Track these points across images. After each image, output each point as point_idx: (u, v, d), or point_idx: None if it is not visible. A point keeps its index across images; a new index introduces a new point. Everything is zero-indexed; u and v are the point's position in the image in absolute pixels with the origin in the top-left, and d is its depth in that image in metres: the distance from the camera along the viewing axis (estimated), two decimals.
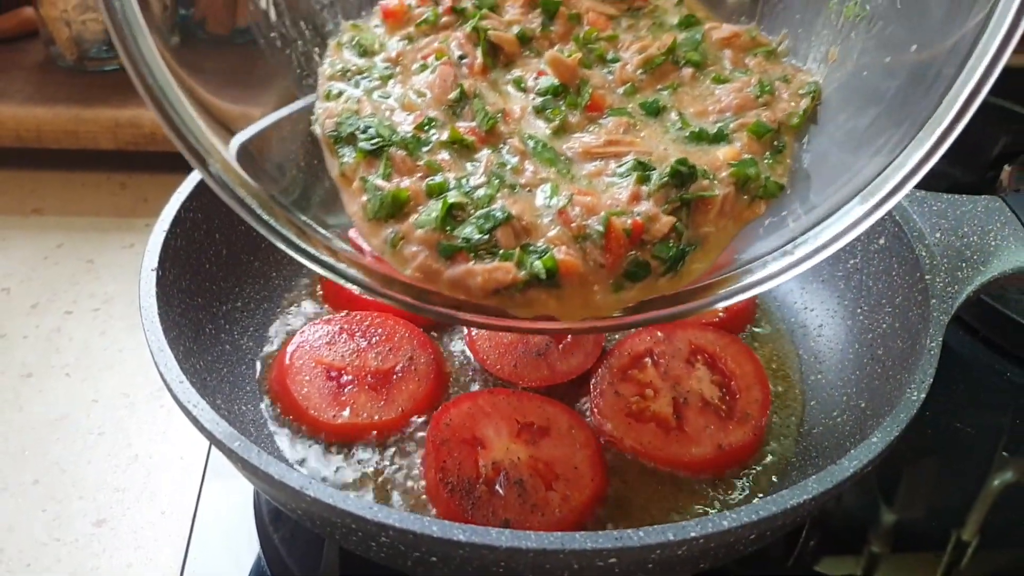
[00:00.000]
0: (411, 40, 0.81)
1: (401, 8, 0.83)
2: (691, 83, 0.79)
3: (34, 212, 1.24)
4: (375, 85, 0.78)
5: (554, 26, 0.83)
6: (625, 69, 0.79)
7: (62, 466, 0.93)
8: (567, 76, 0.77)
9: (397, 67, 0.79)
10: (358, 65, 0.80)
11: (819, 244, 0.68)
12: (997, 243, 0.85)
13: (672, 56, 0.80)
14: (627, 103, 0.78)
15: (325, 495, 0.61)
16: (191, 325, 0.83)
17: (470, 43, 0.80)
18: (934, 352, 0.75)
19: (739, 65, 0.81)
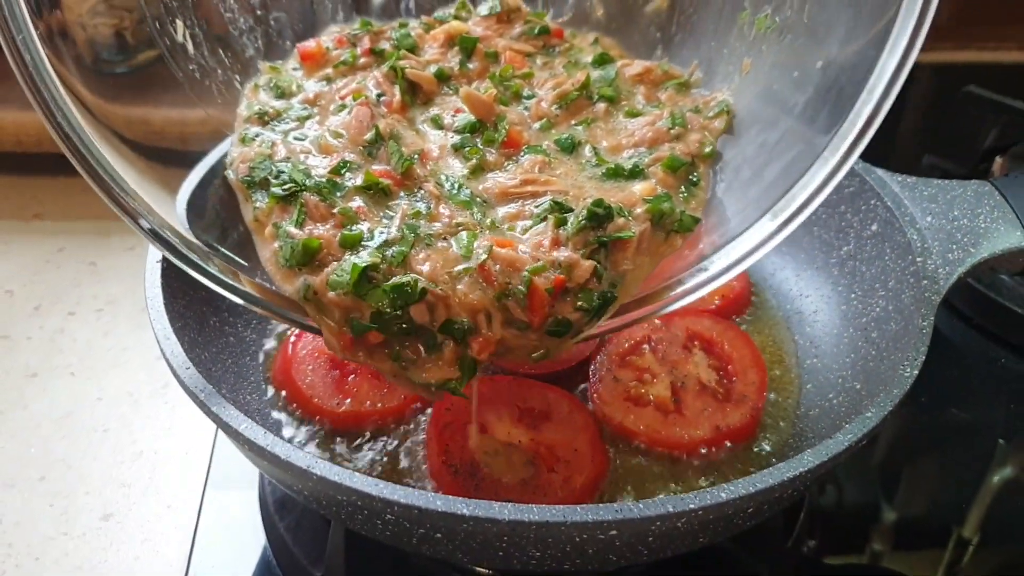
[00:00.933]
0: (329, 81, 0.81)
1: (319, 51, 0.82)
2: (605, 118, 0.80)
3: (35, 217, 1.25)
4: (291, 127, 0.77)
5: (472, 64, 0.83)
6: (540, 105, 0.79)
7: (68, 463, 0.94)
8: (483, 112, 0.77)
9: (315, 108, 0.79)
10: (275, 107, 0.78)
11: (731, 261, 0.69)
12: (986, 226, 0.86)
13: (586, 91, 0.80)
14: (543, 139, 0.77)
15: (332, 473, 0.62)
16: (196, 317, 0.84)
17: (388, 81, 0.79)
18: (926, 331, 0.77)
19: (652, 100, 0.81)
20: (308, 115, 0.77)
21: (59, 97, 0.64)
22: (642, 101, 0.81)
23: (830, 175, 0.65)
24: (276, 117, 0.77)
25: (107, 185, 0.66)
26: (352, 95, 0.77)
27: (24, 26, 0.62)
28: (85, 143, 0.65)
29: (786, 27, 0.74)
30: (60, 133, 0.64)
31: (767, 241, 0.67)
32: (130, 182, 0.67)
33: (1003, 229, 0.86)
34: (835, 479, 0.92)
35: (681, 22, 0.85)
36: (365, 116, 0.75)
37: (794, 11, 0.73)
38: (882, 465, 0.95)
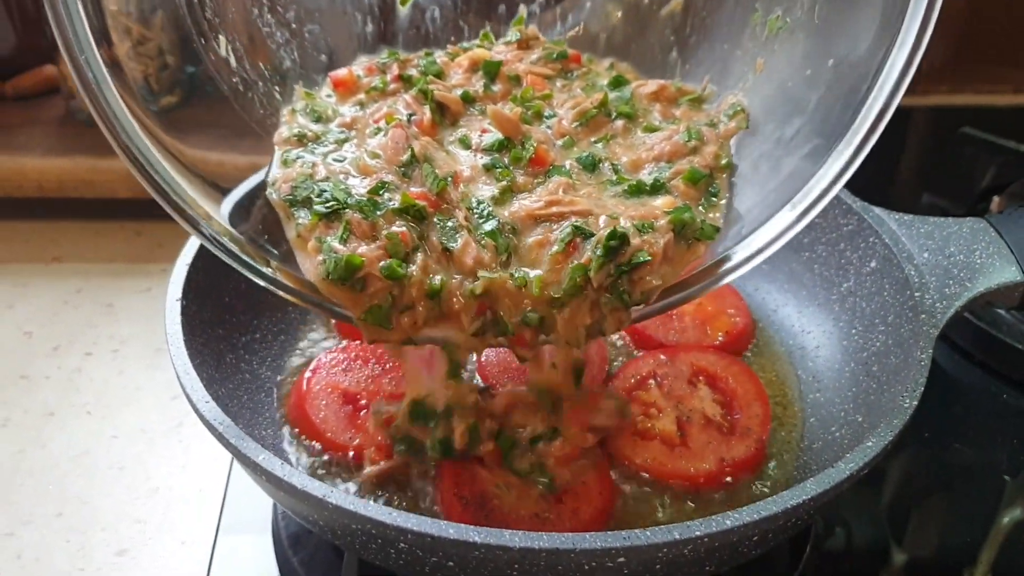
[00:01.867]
0: (362, 106, 0.84)
1: (350, 78, 0.86)
2: (624, 134, 0.82)
3: (54, 260, 1.28)
4: (330, 149, 0.80)
5: (496, 86, 0.87)
6: (562, 123, 0.82)
7: (84, 499, 0.95)
8: (510, 129, 0.80)
9: (352, 131, 0.82)
10: (313, 130, 0.81)
11: (752, 251, 0.73)
12: (982, 261, 0.88)
13: (604, 109, 0.83)
14: (566, 157, 0.80)
15: (346, 502, 0.64)
16: (213, 355, 0.86)
17: (417, 103, 0.83)
18: (925, 363, 0.79)
19: (668, 116, 0.85)
20: (346, 138, 0.81)
21: (118, 111, 0.70)
22: (658, 118, 0.85)
23: (844, 167, 0.68)
24: (315, 140, 0.81)
25: (168, 194, 0.70)
26: (385, 118, 0.81)
27: (87, 47, 0.67)
28: (147, 158, 0.70)
29: (797, 27, 0.78)
30: (127, 153, 0.70)
31: (786, 231, 0.71)
32: (189, 191, 0.71)
33: (998, 264, 0.88)
34: (843, 520, 0.93)
35: (695, 24, 0.89)
36: (401, 138, 0.78)
37: (804, 12, 0.77)
38: (889, 503, 0.95)
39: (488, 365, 0.92)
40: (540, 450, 0.80)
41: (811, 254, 1.02)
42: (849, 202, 0.98)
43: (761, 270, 1.06)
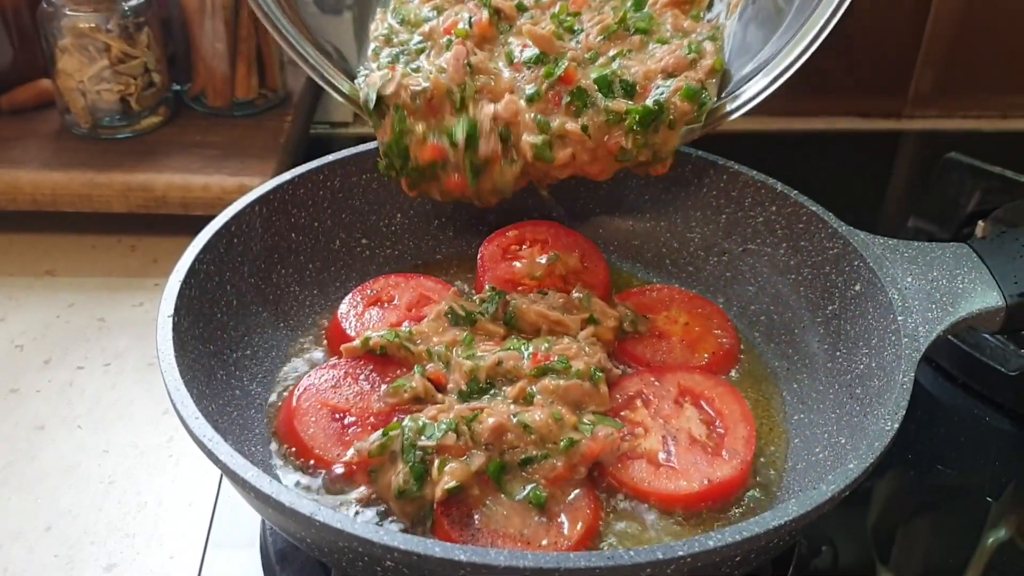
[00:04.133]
0: (439, 11, 1.03)
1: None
2: (640, 47, 0.99)
3: (47, 273, 1.29)
4: (410, 58, 1.00)
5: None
6: (588, 38, 0.99)
7: (74, 513, 0.96)
8: (545, 45, 0.97)
9: (429, 42, 1.00)
10: (400, 38, 1.01)
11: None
12: (964, 286, 0.90)
13: (623, 24, 0.99)
14: (589, 73, 0.97)
15: (333, 520, 0.65)
16: (204, 371, 0.87)
17: (477, 8, 1.01)
18: (907, 386, 0.80)
19: (678, 29, 1.00)
20: (423, 48, 1.00)
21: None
22: (670, 30, 1.00)
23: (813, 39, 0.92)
24: (400, 47, 1.01)
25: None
26: (454, 30, 0.99)
27: None
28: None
29: None
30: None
31: (758, 95, 0.95)
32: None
33: (980, 289, 0.89)
34: (828, 539, 0.94)
35: None
36: (462, 54, 0.97)
37: None
38: (874, 523, 0.96)
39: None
40: (531, 471, 0.81)
41: (797, 276, 1.04)
42: (835, 226, 0.99)
43: (747, 292, 1.08)
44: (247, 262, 1.00)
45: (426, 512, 0.80)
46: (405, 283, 1.05)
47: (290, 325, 1.03)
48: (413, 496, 0.79)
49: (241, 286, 0.98)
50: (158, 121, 1.40)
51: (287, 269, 1.05)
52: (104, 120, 1.36)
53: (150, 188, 1.29)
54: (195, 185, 1.28)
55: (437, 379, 0.91)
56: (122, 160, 1.32)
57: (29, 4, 1.38)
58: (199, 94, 1.44)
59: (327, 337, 1.03)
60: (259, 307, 1.00)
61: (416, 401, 0.88)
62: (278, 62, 1.44)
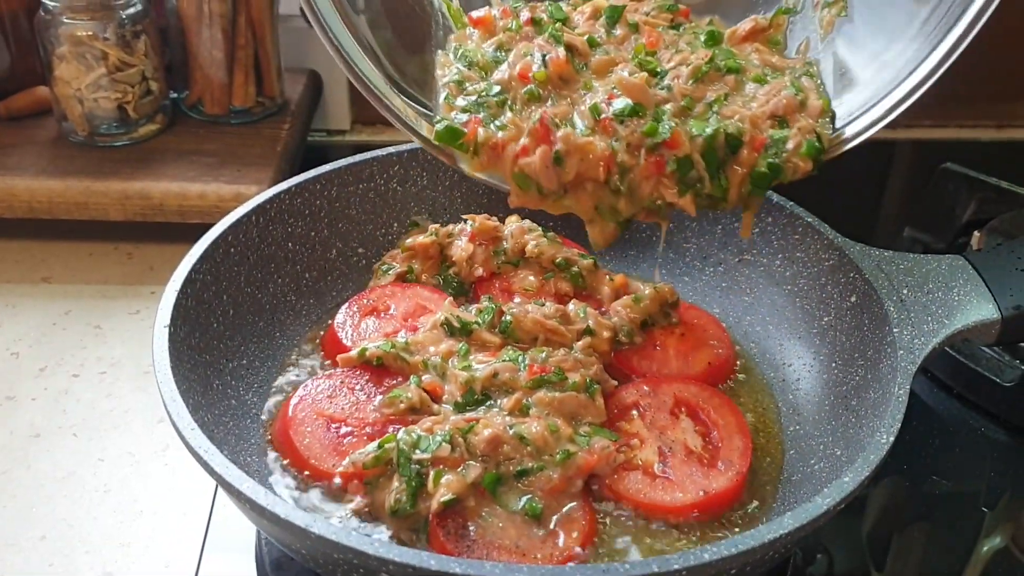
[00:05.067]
0: (501, 48, 0.93)
1: (489, 18, 0.96)
2: (736, 88, 0.88)
3: (43, 280, 1.29)
4: (491, 112, 0.88)
5: (616, 31, 0.94)
6: (678, 81, 0.88)
7: (69, 522, 0.96)
8: (639, 95, 0.86)
9: (507, 93, 0.90)
10: (473, 86, 0.90)
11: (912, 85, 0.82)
12: (960, 298, 0.90)
13: (713, 64, 0.88)
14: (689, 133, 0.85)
15: (329, 532, 0.65)
16: (200, 381, 0.87)
17: (549, 45, 0.91)
18: (902, 399, 0.80)
19: (767, 65, 0.90)
20: (503, 99, 0.89)
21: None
22: (757, 62, 0.90)
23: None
24: (476, 95, 0.89)
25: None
26: (531, 74, 0.89)
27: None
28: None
29: None
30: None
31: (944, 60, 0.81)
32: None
33: (975, 302, 0.90)
34: (823, 548, 0.94)
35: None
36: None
37: None
38: (869, 533, 0.96)
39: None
40: (527, 483, 0.81)
41: (793, 287, 1.04)
42: (831, 237, 0.99)
43: (743, 303, 1.09)
44: (244, 272, 1.00)
45: (421, 524, 0.80)
46: (401, 293, 1.05)
47: (286, 335, 1.03)
48: (406, 514, 0.80)
49: (237, 296, 0.98)
50: (155, 129, 1.40)
51: (283, 279, 1.05)
52: (101, 128, 1.36)
53: (147, 196, 1.29)
54: (192, 193, 1.28)
55: (433, 390, 0.91)
56: (119, 168, 1.32)
57: (27, 11, 1.38)
58: (196, 102, 1.44)
59: (323, 347, 1.03)
60: (255, 317, 1.00)
61: (412, 412, 0.88)
62: (276, 70, 1.44)
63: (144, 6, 1.33)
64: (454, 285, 1.07)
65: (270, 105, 1.45)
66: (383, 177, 1.12)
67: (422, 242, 1.07)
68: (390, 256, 1.09)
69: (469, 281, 1.08)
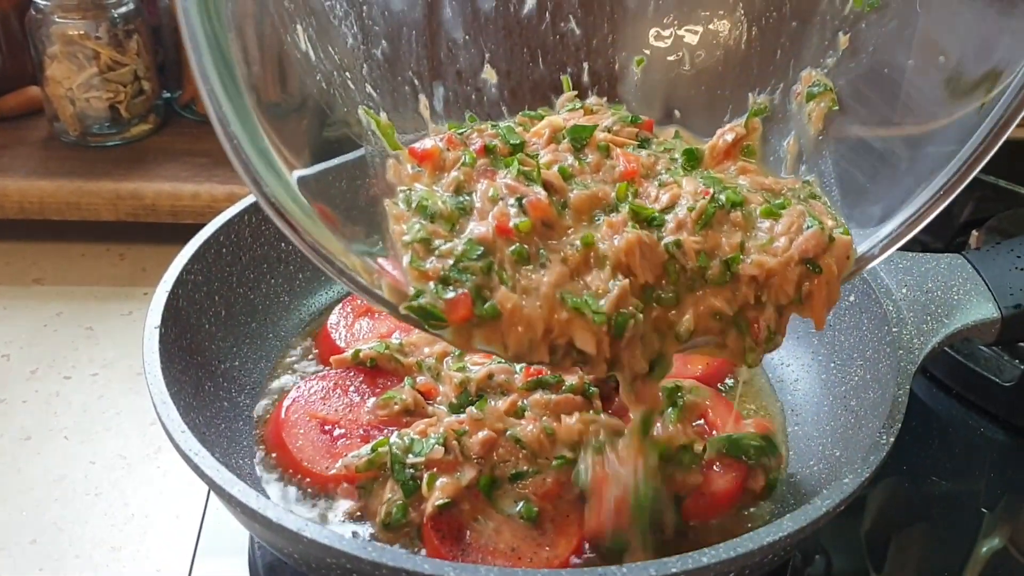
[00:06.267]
0: (460, 190, 0.76)
1: (435, 151, 0.79)
2: (747, 228, 0.75)
3: (35, 282, 1.28)
4: (477, 282, 0.70)
5: (587, 158, 0.80)
6: (689, 242, 0.72)
7: (60, 526, 0.95)
8: (654, 274, 0.73)
9: (490, 256, 0.72)
10: (444, 246, 0.72)
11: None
12: (959, 298, 0.89)
13: (716, 203, 0.74)
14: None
15: (321, 536, 0.64)
16: (191, 382, 0.86)
17: (521, 184, 0.75)
18: (902, 400, 0.79)
19: (760, 187, 0.78)
20: (489, 264, 0.71)
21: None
22: (747, 186, 0.78)
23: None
24: (450, 257, 0.71)
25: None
26: (512, 225, 0.72)
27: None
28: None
29: (887, 8, 0.74)
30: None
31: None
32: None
33: (975, 301, 0.89)
34: (822, 548, 0.93)
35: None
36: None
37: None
38: (868, 533, 0.96)
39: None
40: (522, 487, 0.80)
41: None
42: None
43: None
44: (236, 272, 0.99)
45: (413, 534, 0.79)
46: None
47: (279, 336, 1.02)
48: (398, 526, 0.79)
49: (230, 296, 0.97)
50: (148, 129, 1.39)
51: (276, 279, 1.04)
52: (93, 128, 1.35)
53: (139, 196, 1.28)
54: (185, 193, 1.27)
55: (427, 391, 0.90)
56: (111, 168, 1.31)
57: (18, 11, 1.37)
58: (189, 102, 1.43)
59: (317, 348, 1.02)
60: (248, 318, 0.99)
61: (406, 414, 0.87)
62: None
63: (136, 5, 1.32)
64: None
65: None
66: None
67: None
68: None
69: None
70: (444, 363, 0.91)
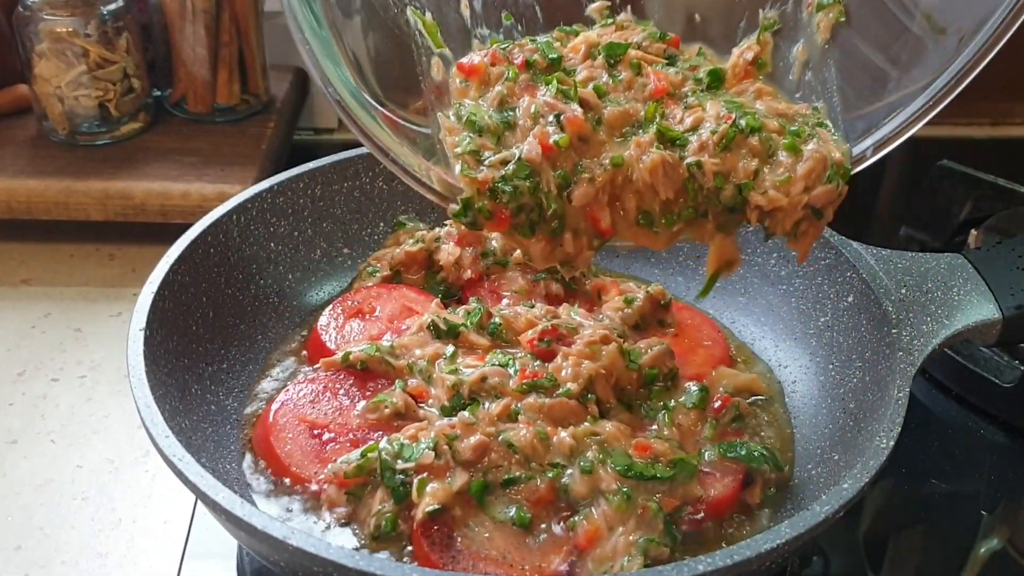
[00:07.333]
0: (503, 105, 0.84)
1: (480, 67, 0.87)
2: (764, 155, 0.80)
3: (23, 282, 1.26)
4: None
5: (620, 75, 0.86)
6: (709, 163, 0.79)
7: (46, 531, 0.93)
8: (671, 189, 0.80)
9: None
10: (491, 158, 0.80)
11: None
12: (960, 298, 0.88)
13: (736, 127, 0.79)
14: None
15: (308, 544, 0.62)
16: (177, 385, 0.85)
17: (559, 102, 0.82)
18: (902, 402, 0.78)
19: (776, 112, 0.83)
20: (536, 183, 0.79)
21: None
22: (763, 111, 0.82)
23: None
24: (498, 167, 0.80)
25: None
26: (552, 141, 0.80)
27: None
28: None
29: None
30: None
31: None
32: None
33: (976, 302, 0.88)
34: (820, 550, 0.92)
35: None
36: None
37: None
38: (866, 535, 0.95)
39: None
40: (515, 492, 0.79)
41: (788, 287, 1.02)
42: (827, 235, 0.97)
43: (738, 303, 1.07)
44: (224, 273, 0.97)
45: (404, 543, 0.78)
46: (387, 294, 1.03)
47: (268, 338, 1.01)
48: (388, 537, 0.77)
49: (218, 298, 0.96)
50: (138, 127, 1.37)
51: (265, 280, 1.03)
52: (82, 126, 1.34)
53: (129, 196, 1.26)
54: (174, 193, 1.26)
55: (419, 394, 0.88)
56: (100, 167, 1.30)
57: (5, 8, 1.35)
58: (180, 100, 1.41)
59: (306, 350, 1.00)
60: (236, 319, 0.98)
61: (397, 417, 0.86)
62: (260, 67, 1.42)
63: (126, 2, 1.31)
64: (442, 290, 1.05)
65: (255, 103, 1.43)
66: (368, 175, 1.10)
67: (409, 251, 1.05)
68: (375, 258, 1.07)
69: (458, 285, 1.05)
70: (436, 365, 0.90)
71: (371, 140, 0.81)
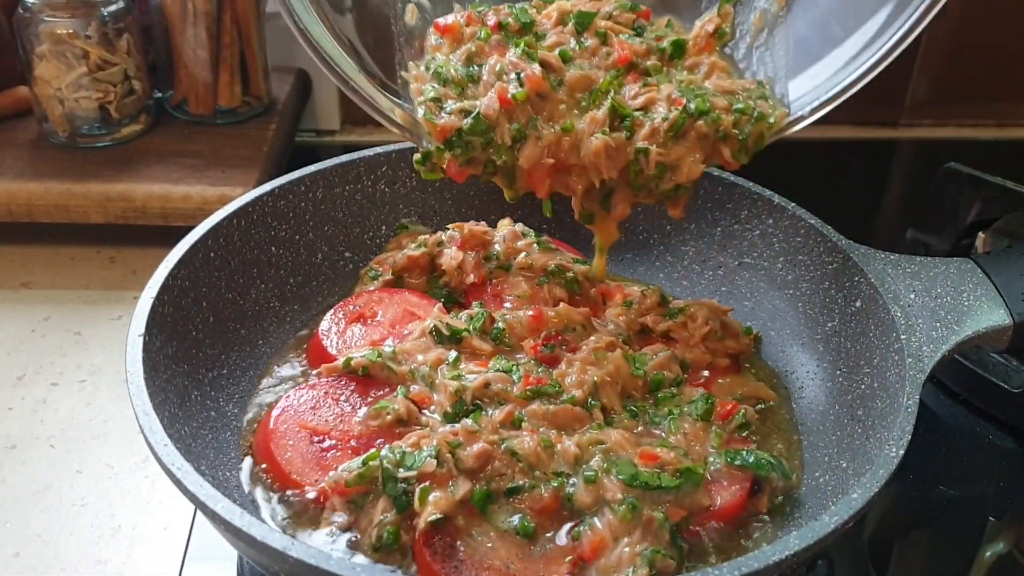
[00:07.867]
0: (471, 60, 0.92)
1: (455, 26, 0.95)
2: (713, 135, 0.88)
3: (23, 286, 1.25)
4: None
5: (587, 42, 0.94)
6: (655, 153, 0.87)
7: (44, 538, 0.92)
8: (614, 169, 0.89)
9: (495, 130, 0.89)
10: (451, 107, 0.90)
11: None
12: (970, 303, 0.87)
13: (686, 111, 0.87)
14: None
15: (308, 555, 0.61)
16: (177, 392, 0.84)
17: (523, 62, 0.91)
18: (911, 410, 0.77)
19: (723, 91, 0.90)
20: (490, 140, 0.88)
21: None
22: (710, 90, 0.90)
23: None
24: (458, 115, 0.89)
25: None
26: (510, 95, 0.88)
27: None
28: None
29: None
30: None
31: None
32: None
33: (986, 307, 0.87)
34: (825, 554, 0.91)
35: None
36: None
37: None
38: (872, 540, 0.94)
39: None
40: (519, 501, 0.78)
41: (795, 291, 1.01)
42: (834, 239, 0.96)
43: (744, 307, 1.05)
44: (224, 277, 0.97)
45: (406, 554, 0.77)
46: (389, 299, 1.02)
47: (269, 343, 1.00)
48: (389, 549, 0.76)
49: (218, 302, 0.95)
50: (139, 129, 1.37)
51: (266, 284, 1.02)
52: (83, 128, 1.33)
53: (129, 198, 1.26)
54: (175, 195, 1.25)
55: (421, 401, 0.87)
56: (101, 169, 1.29)
57: (5, 9, 1.34)
58: (181, 102, 1.41)
59: (307, 355, 0.99)
60: (237, 324, 0.97)
61: (399, 424, 0.85)
62: (262, 69, 1.41)
63: (127, 3, 1.30)
64: (444, 295, 1.04)
65: (256, 105, 1.42)
66: (370, 178, 1.09)
67: (412, 255, 1.04)
68: (377, 261, 1.06)
69: (460, 289, 1.04)
70: (438, 371, 0.89)
71: (330, 65, 0.89)
